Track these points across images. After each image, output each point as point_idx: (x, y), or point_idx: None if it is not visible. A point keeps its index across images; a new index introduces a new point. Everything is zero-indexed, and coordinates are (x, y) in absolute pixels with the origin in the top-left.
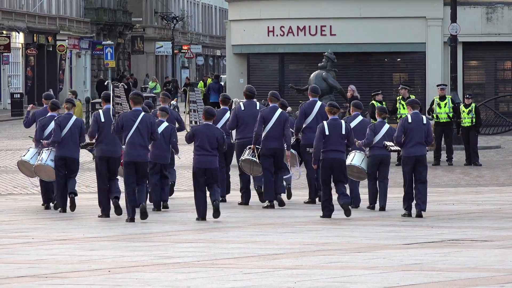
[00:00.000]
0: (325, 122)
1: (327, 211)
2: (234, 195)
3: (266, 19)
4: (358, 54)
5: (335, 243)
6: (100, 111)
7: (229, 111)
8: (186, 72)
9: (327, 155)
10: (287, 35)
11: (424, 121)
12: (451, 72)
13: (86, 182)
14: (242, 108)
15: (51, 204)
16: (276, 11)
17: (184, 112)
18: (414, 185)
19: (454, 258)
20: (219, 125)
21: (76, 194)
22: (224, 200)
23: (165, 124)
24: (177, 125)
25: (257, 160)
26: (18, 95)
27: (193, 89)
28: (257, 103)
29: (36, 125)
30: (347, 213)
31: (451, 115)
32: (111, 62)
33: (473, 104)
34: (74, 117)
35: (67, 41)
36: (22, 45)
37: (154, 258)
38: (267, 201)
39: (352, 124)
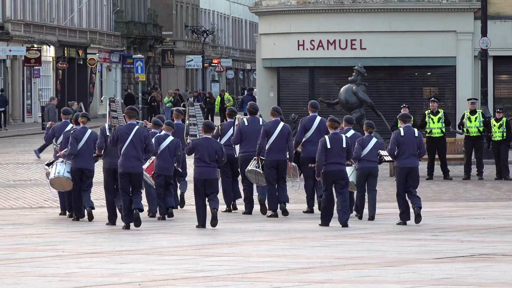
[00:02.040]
0: (326, 137)
1: (326, 220)
2: (239, 204)
3: (296, 32)
4: (388, 68)
5: (365, 257)
6: (106, 124)
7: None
8: (216, 85)
9: (329, 167)
10: (317, 48)
11: (416, 134)
12: (481, 86)
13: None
14: (246, 123)
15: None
16: (306, 25)
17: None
18: (406, 194)
19: (484, 273)
20: (225, 138)
21: (93, 208)
22: (229, 210)
23: (170, 138)
24: (188, 140)
25: (261, 171)
26: None
27: (193, 104)
28: (260, 118)
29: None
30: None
31: (481, 129)
32: (141, 75)
33: (504, 118)
34: (89, 131)
35: (97, 54)
36: (53, 58)
37: (185, 271)
38: (270, 210)
39: None
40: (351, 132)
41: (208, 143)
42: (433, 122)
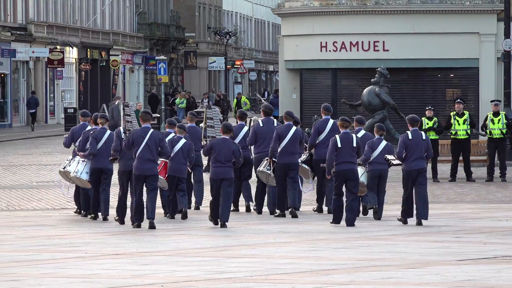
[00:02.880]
0: (337, 136)
1: (338, 218)
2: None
3: (319, 34)
4: (411, 70)
5: (388, 258)
6: (121, 127)
7: (246, 126)
8: (238, 87)
9: (340, 166)
10: (339, 50)
11: (423, 137)
12: (504, 88)
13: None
14: (261, 124)
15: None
16: (329, 27)
17: (201, 127)
18: (414, 197)
19: (507, 275)
20: (237, 140)
21: (107, 216)
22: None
23: (183, 140)
24: (203, 143)
25: (272, 174)
26: (72, 110)
27: (210, 107)
28: (274, 120)
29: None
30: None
31: (504, 131)
32: (164, 77)
33: None
34: (108, 131)
35: (120, 56)
36: (75, 60)
37: (207, 273)
38: (279, 211)
39: None
40: (362, 132)
41: (226, 144)
42: (459, 124)
